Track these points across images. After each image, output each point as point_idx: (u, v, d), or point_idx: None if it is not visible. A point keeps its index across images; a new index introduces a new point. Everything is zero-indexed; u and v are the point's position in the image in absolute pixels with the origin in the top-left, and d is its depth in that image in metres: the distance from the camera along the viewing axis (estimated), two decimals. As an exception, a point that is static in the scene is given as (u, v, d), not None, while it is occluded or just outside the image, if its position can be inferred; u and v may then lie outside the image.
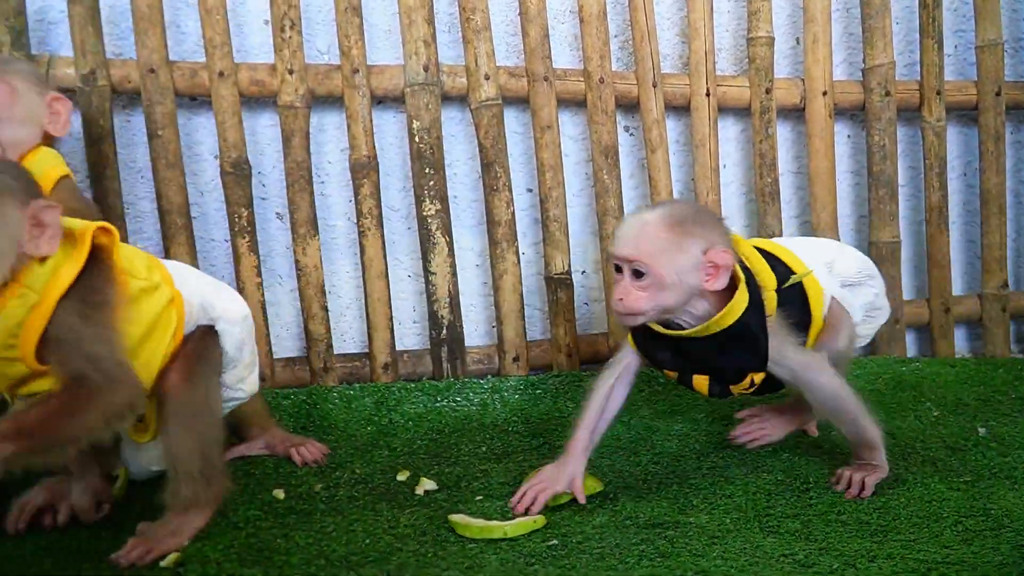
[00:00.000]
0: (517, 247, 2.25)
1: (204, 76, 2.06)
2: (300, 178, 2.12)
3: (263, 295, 2.14)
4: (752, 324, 1.53)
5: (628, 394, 1.68)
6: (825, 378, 1.57)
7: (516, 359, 2.26)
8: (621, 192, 2.32)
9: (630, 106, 2.39)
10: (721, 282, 1.49)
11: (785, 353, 1.57)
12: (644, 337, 1.61)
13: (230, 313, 1.55)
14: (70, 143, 2.12)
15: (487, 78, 2.18)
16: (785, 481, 1.68)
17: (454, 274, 2.22)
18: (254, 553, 1.45)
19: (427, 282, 2.21)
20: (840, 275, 1.77)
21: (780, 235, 2.42)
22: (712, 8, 2.34)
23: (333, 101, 2.23)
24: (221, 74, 2.04)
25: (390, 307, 2.21)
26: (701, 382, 1.64)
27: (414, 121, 2.16)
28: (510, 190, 2.23)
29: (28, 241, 1.23)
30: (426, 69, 2.14)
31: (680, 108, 2.41)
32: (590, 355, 2.36)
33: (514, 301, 2.25)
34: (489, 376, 2.27)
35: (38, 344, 1.24)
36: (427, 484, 1.72)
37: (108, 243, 1.32)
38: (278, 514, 1.63)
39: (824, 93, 2.42)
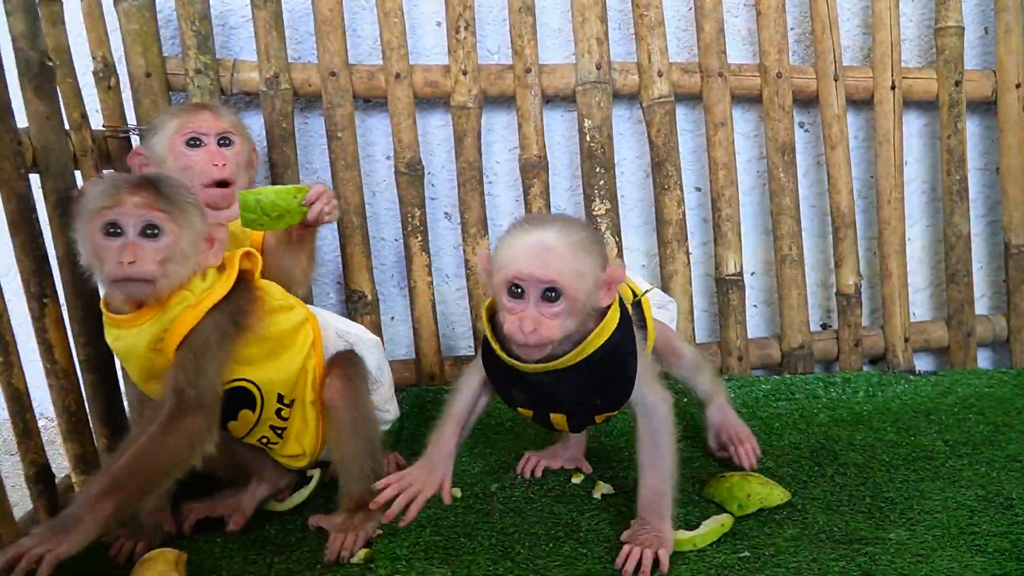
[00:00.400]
0: (687, 247, 2.20)
1: (380, 78, 2.09)
2: (471, 178, 2.13)
3: (433, 294, 2.15)
4: (622, 342, 1.39)
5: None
6: (665, 412, 1.44)
7: (685, 362, 2.21)
8: (797, 190, 2.23)
9: (805, 101, 2.30)
10: (610, 298, 1.35)
11: (646, 379, 1.43)
12: (499, 377, 1.44)
13: (365, 338, 1.66)
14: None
15: (660, 75, 2.13)
16: (986, 496, 1.58)
17: (623, 274, 2.18)
18: (440, 551, 1.47)
19: (595, 282, 2.18)
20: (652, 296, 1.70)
21: (969, 235, 2.29)
22: (898, -4, 2.23)
23: (502, 101, 2.23)
24: (398, 76, 2.06)
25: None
26: (559, 419, 1.50)
27: (585, 120, 2.13)
28: (681, 189, 2.18)
29: (201, 252, 1.37)
30: (598, 67, 2.11)
31: (860, 102, 2.31)
32: (760, 360, 2.29)
33: (684, 303, 2.20)
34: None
35: (180, 342, 1.33)
36: (603, 488, 1.69)
37: (251, 267, 1.44)
38: (458, 512, 1.64)
39: (1018, 85, 2.27)
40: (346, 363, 1.58)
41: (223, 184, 1.70)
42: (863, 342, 2.31)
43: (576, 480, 1.76)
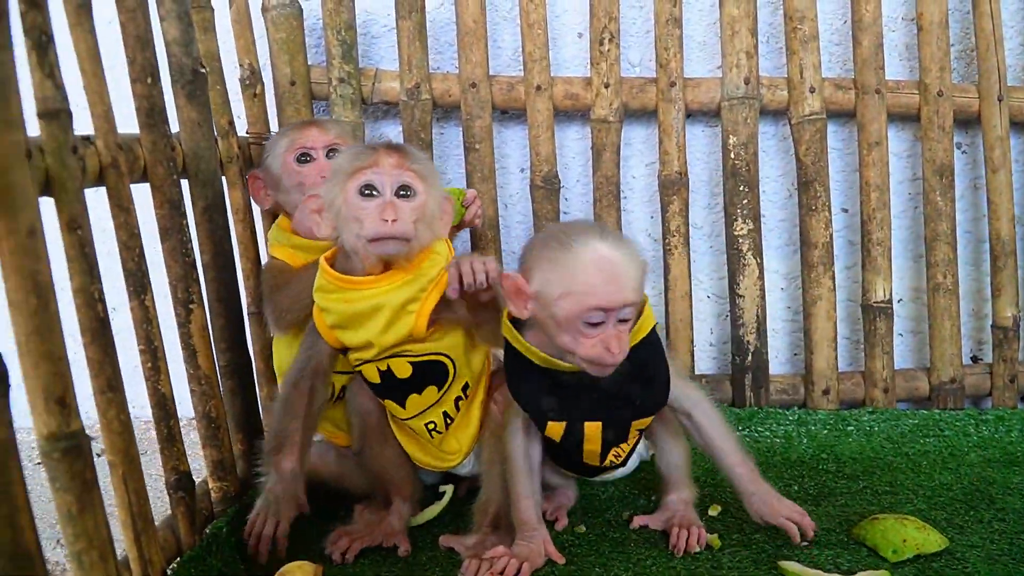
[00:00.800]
0: (833, 272, 2.09)
1: (520, 90, 2.05)
2: (608, 193, 2.07)
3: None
4: (655, 336, 1.41)
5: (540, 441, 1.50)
6: (708, 403, 1.48)
7: (826, 391, 2.10)
8: (954, 215, 2.10)
9: (964, 122, 2.17)
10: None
11: (682, 375, 1.46)
12: (530, 385, 1.41)
13: None
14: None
15: (812, 91, 2.04)
16: None
17: (763, 297, 2.09)
18: None
19: (733, 304, 2.10)
20: None
21: None
22: (1072, 13, 2.09)
23: (641, 115, 2.17)
24: (538, 88, 2.02)
25: (692, 329, 2.11)
26: (593, 431, 1.44)
27: (730, 136, 2.06)
28: (829, 210, 2.07)
29: (440, 218, 1.43)
30: (747, 82, 2.03)
31: (1021, 125, 2.17)
32: (906, 392, 2.16)
33: (827, 329, 2.09)
34: (795, 407, 2.12)
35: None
36: (717, 508, 1.64)
37: None
38: (591, 541, 1.59)
39: None
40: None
41: None
42: (1019, 378, 2.16)
43: (712, 512, 1.68)
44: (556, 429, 1.43)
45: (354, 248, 1.38)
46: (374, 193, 1.34)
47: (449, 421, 1.53)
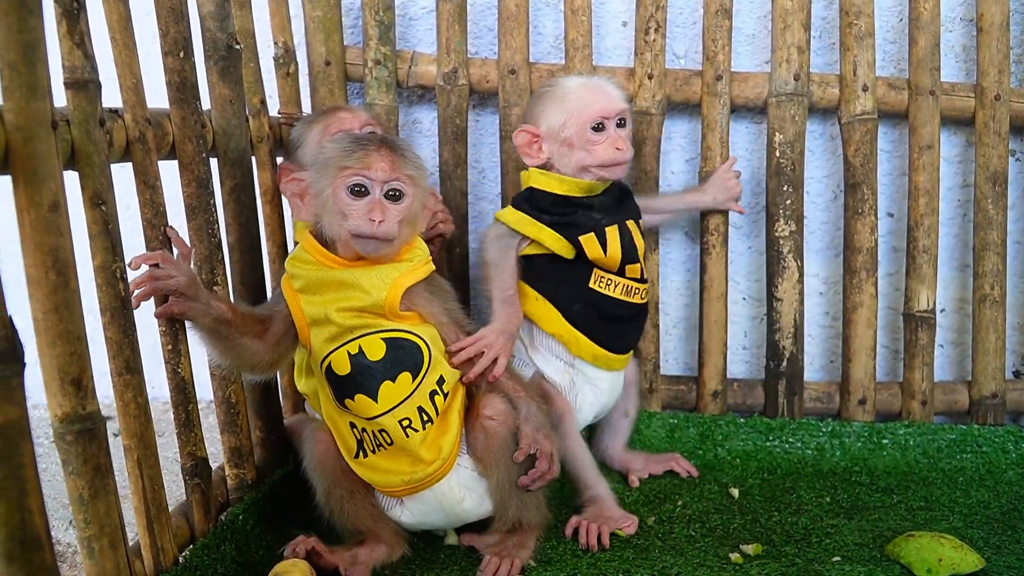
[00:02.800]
0: (876, 278, 2.02)
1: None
2: (647, 188, 2.01)
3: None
4: None
5: None
6: None
7: (863, 401, 2.04)
8: (1006, 225, 2.02)
9: (1019, 128, 2.09)
10: None
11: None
12: (561, 218, 1.68)
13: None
14: (424, 139, 2.14)
15: (865, 89, 1.96)
16: None
17: (801, 302, 2.02)
18: None
19: (770, 308, 2.04)
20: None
21: None
22: None
23: (684, 109, 2.10)
24: (579, 77, 1.96)
25: (726, 331, 2.05)
26: (613, 234, 1.69)
27: (776, 134, 1.98)
28: (876, 215, 2.00)
29: (422, 217, 1.49)
30: (796, 78, 1.96)
31: (1081, 131, 2.09)
32: (945, 405, 2.09)
33: (867, 337, 2.02)
34: (829, 418, 2.06)
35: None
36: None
37: None
38: (615, 546, 1.56)
39: None
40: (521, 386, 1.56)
41: None
42: (1063, 395, 2.09)
43: (739, 521, 1.63)
44: (591, 241, 1.68)
45: (335, 236, 1.42)
46: (363, 192, 1.39)
47: (426, 419, 1.42)
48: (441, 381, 1.45)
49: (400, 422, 1.41)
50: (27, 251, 1.02)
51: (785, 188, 2.00)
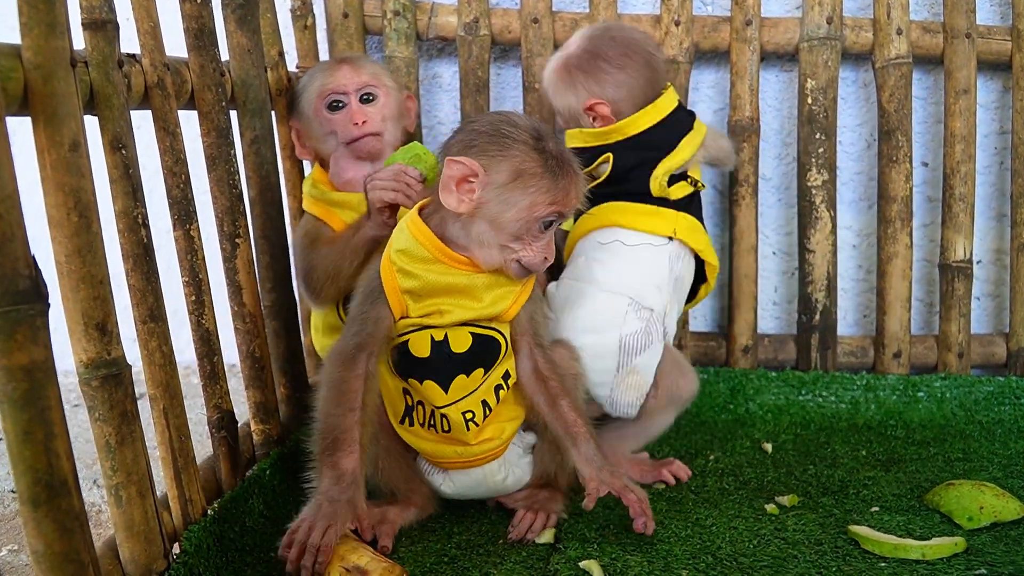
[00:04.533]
0: (911, 228, 1.97)
1: (584, 27, 1.93)
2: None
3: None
4: None
5: None
6: None
7: (897, 355, 1.99)
8: (1045, 172, 1.97)
9: (1058, 71, 2.03)
10: None
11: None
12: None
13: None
14: (444, 94, 2.09)
15: (899, 33, 1.90)
16: None
17: (834, 254, 1.98)
18: (632, 537, 1.36)
19: (802, 260, 1.99)
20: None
21: None
22: None
23: (713, 56, 2.05)
24: (604, 24, 1.91)
25: (756, 285, 2.01)
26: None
27: (808, 80, 1.93)
28: (910, 162, 1.95)
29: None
30: (829, 22, 1.90)
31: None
32: (982, 358, 2.05)
33: (902, 289, 1.98)
34: (863, 372, 2.01)
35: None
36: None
37: None
38: (648, 499, 1.51)
39: None
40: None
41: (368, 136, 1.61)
42: (1103, 346, 2.03)
43: (773, 475, 1.60)
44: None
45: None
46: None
47: (487, 412, 1.37)
48: (507, 376, 1.38)
49: (464, 414, 1.35)
50: (48, 192, 1.00)
51: (818, 136, 1.94)
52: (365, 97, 1.62)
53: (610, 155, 1.62)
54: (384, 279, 1.30)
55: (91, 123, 1.09)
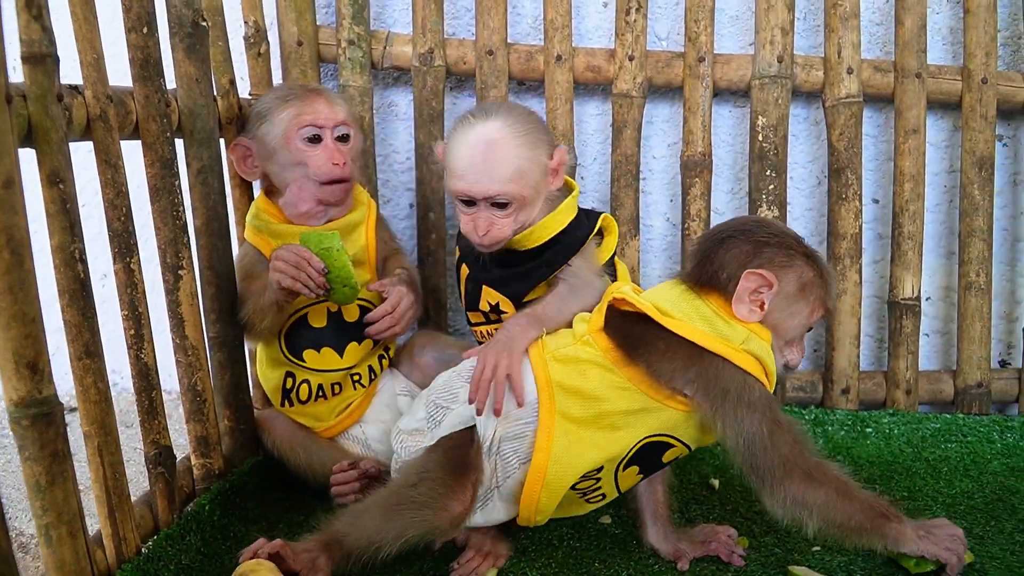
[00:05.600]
0: (861, 265, 1.99)
1: (539, 60, 1.95)
2: (627, 172, 1.97)
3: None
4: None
5: None
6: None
7: (846, 390, 2.01)
8: (992, 211, 1.99)
9: (1007, 112, 2.06)
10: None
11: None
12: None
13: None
14: (399, 123, 2.09)
15: (850, 72, 1.93)
16: None
17: (785, 289, 1.99)
18: (571, 573, 1.36)
19: (753, 296, 2.00)
20: None
21: None
22: None
23: (666, 92, 2.06)
24: (559, 58, 1.92)
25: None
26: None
27: (759, 117, 1.95)
28: (860, 200, 1.97)
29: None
30: (780, 60, 1.92)
31: (1066, 117, 2.06)
32: (930, 395, 2.07)
33: (851, 325, 2.00)
34: (812, 406, 2.03)
35: None
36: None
37: None
38: (591, 536, 1.52)
39: None
40: None
41: (340, 181, 1.62)
42: (1049, 385, 2.07)
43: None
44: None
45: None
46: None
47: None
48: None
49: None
50: (-20, 229, 0.98)
51: (768, 173, 1.96)
52: (341, 136, 1.62)
53: None
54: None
55: (28, 156, 1.08)
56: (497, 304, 1.52)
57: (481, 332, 1.58)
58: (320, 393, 1.64)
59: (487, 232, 1.44)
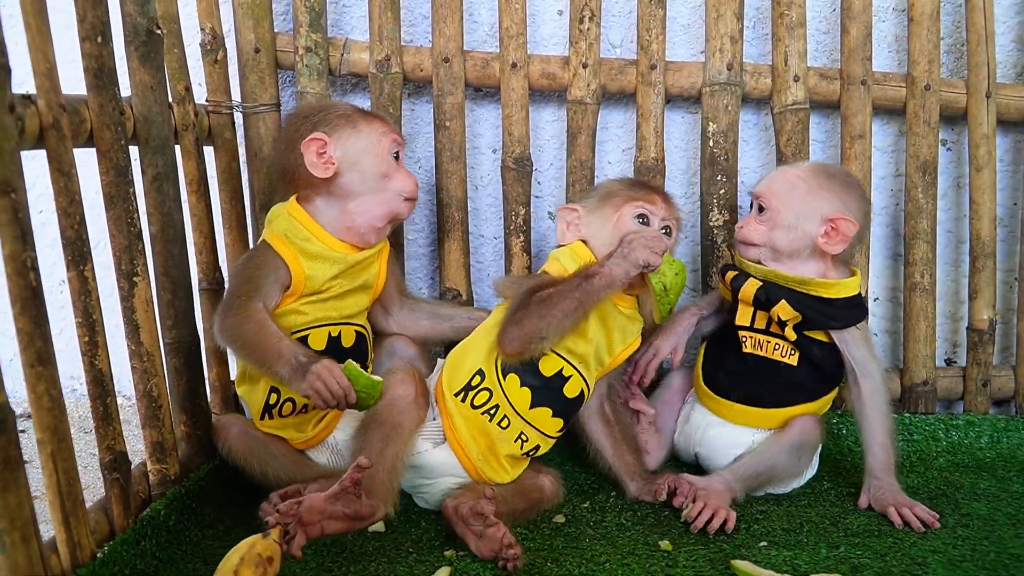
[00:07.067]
0: (810, 267, 2.03)
1: (495, 67, 1.97)
2: (582, 178, 2.00)
3: (533, 297, 2.04)
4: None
5: None
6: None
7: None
8: (936, 214, 2.05)
9: (950, 118, 2.12)
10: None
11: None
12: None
13: None
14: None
15: (796, 79, 1.97)
16: None
17: (737, 291, 2.03)
18: (525, 574, 1.38)
19: (706, 298, 2.04)
20: None
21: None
22: (1065, 11, 2.03)
23: (620, 98, 2.10)
24: (514, 65, 1.95)
25: (662, 320, 2.05)
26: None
27: (710, 124, 1.99)
28: (808, 205, 2.01)
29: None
30: (729, 68, 1.96)
31: (1009, 123, 2.12)
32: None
33: (801, 327, 2.03)
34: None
35: None
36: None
37: None
38: (545, 535, 1.55)
39: None
40: None
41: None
42: (991, 382, 2.12)
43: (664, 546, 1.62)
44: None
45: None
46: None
47: None
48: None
49: None
50: (-71, 239, 0.99)
51: (719, 178, 2.00)
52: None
53: None
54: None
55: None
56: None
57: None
58: (303, 409, 1.64)
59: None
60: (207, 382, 1.73)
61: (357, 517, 1.47)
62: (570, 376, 1.60)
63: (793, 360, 1.71)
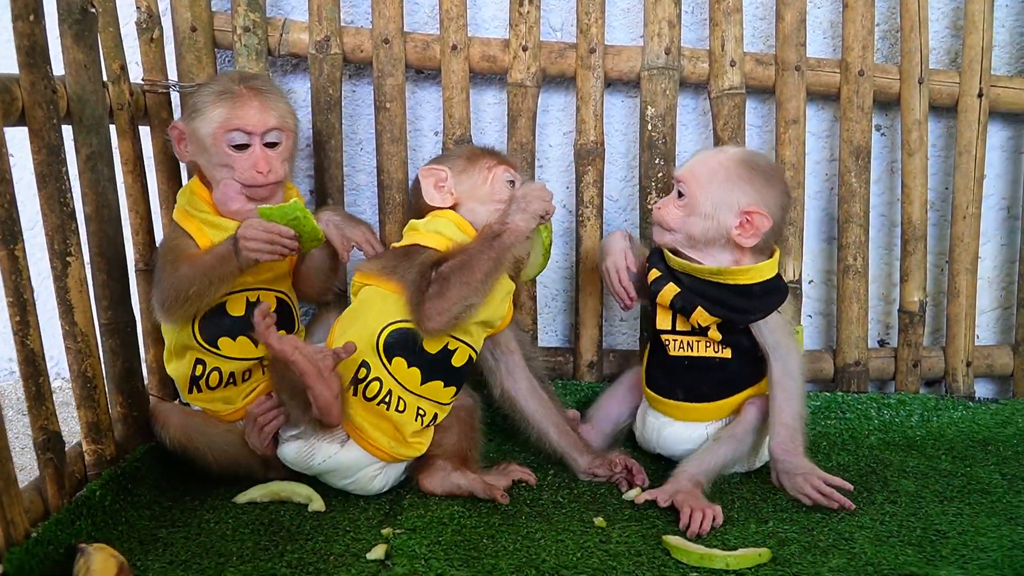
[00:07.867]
0: (746, 249, 2.07)
1: (436, 49, 1.98)
2: (523, 161, 2.02)
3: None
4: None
5: None
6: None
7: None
8: (869, 198, 2.10)
9: (884, 104, 2.16)
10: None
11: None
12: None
13: None
14: (299, 111, 2.09)
15: (732, 64, 2.00)
16: (1046, 537, 1.47)
17: (674, 273, 2.06)
18: (461, 552, 1.40)
19: (645, 279, 2.07)
20: None
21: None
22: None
23: (561, 82, 2.12)
24: (454, 47, 1.95)
25: (601, 303, 2.08)
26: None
27: (648, 107, 2.01)
28: (744, 188, 2.05)
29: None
30: (667, 52, 1.99)
31: (942, 109, 2.17)
32: (812, 373, 2.16)
33: (737, 308, 2.07)
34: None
35: None
36: (631, 493, 1.64)
37: None
38: (482, 513, 1.57)
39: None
40: None
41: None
42: (922, 363, 2.18)
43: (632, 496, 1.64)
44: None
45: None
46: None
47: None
48: None
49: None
50: None
51: (657, 161, 2.03)
52: (270, 143, 1.62)
53: None
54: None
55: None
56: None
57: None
58: (231, 380, 1.65)
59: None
60: (144, 363, 1.73)
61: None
62: (456, 348, 1.61)
63: (727, 354, 1.72)
